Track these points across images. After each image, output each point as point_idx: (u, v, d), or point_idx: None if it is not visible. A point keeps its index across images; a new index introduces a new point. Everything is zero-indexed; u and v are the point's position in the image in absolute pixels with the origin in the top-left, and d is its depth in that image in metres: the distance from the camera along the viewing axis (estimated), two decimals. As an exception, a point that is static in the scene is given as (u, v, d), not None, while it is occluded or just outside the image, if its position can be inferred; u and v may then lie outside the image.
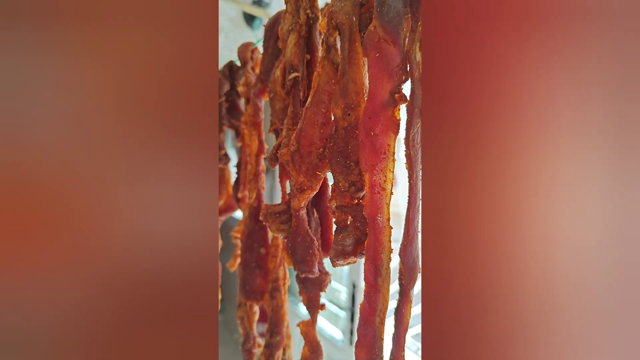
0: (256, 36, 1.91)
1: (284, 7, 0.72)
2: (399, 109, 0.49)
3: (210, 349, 0.46)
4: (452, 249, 0.41)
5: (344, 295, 1.99)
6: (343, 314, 1.93)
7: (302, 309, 2.14)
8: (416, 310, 1.88)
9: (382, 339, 0.48)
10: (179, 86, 0.46)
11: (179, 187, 0.46)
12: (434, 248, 0.41)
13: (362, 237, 0.54)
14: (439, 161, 0.41)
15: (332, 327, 1.96)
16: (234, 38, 1.97)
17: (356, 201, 0.54)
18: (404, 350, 0.47)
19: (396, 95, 0.48)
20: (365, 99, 0.52)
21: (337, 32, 0.57)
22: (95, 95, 0.45)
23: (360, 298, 1.74)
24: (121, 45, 0.45)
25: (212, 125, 0.48)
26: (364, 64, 0.54)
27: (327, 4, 0.74)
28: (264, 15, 1.92)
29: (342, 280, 2.04)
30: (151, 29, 0.45)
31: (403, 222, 0.50)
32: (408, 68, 0.49)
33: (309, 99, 0.59)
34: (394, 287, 0.51)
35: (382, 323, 0.48)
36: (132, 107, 0.45)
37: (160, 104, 0.46)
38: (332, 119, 0.57)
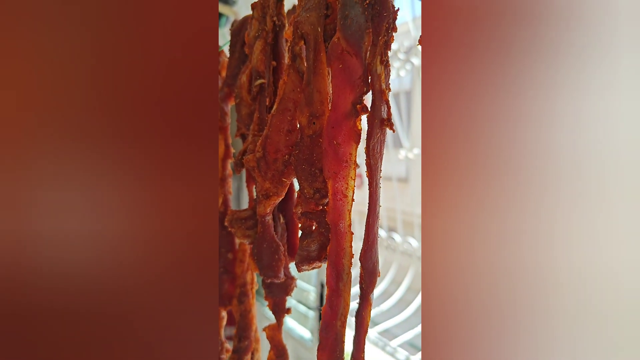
0: (223, 34, 1.89)
1: (249, 4, 0.72)
2: (361, 119, 0.51)
3: (211, 349, 0.45)
4: (452, 250, 0.41)
5: (312, 295, 2.01)
6: (312, 314, 1.94)
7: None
8: (385, 306, 1.92)
9: (344, 342, 0.50)
10: (178, 86, 0.46)
11: (179, 188, 0.46)
12: (434, 249, 0.42)
13: (327, 242, 0.55)
14: (438, 161, 0.42)
15: (300, 327, 1.97)
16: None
17: (321, 207, 0.56)
18: (364, 352, 0.49)
19: (358, 106, 0.50)
20: (330, 108, 0.54)
21: (303, 42, 0.58)
22: (94, 94, 0.44)
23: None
24: (120, 44, 0.44)
25: (212, 125, 0.48)
26: (328, 74, 0.55)
27: (292, 9, 0.74)
28: (231, 14, 1.90)
29: (311, 281, 2.05)
30: (151, 29, 0.45)
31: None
32: (370, 80, 0.50)
33: (274, 106, 0.60)
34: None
35: (344, 326, 0.49)
36: (132, 107, 0.45)
37: (160, 104, 0.45)
38: (298, 126, 0.58)
